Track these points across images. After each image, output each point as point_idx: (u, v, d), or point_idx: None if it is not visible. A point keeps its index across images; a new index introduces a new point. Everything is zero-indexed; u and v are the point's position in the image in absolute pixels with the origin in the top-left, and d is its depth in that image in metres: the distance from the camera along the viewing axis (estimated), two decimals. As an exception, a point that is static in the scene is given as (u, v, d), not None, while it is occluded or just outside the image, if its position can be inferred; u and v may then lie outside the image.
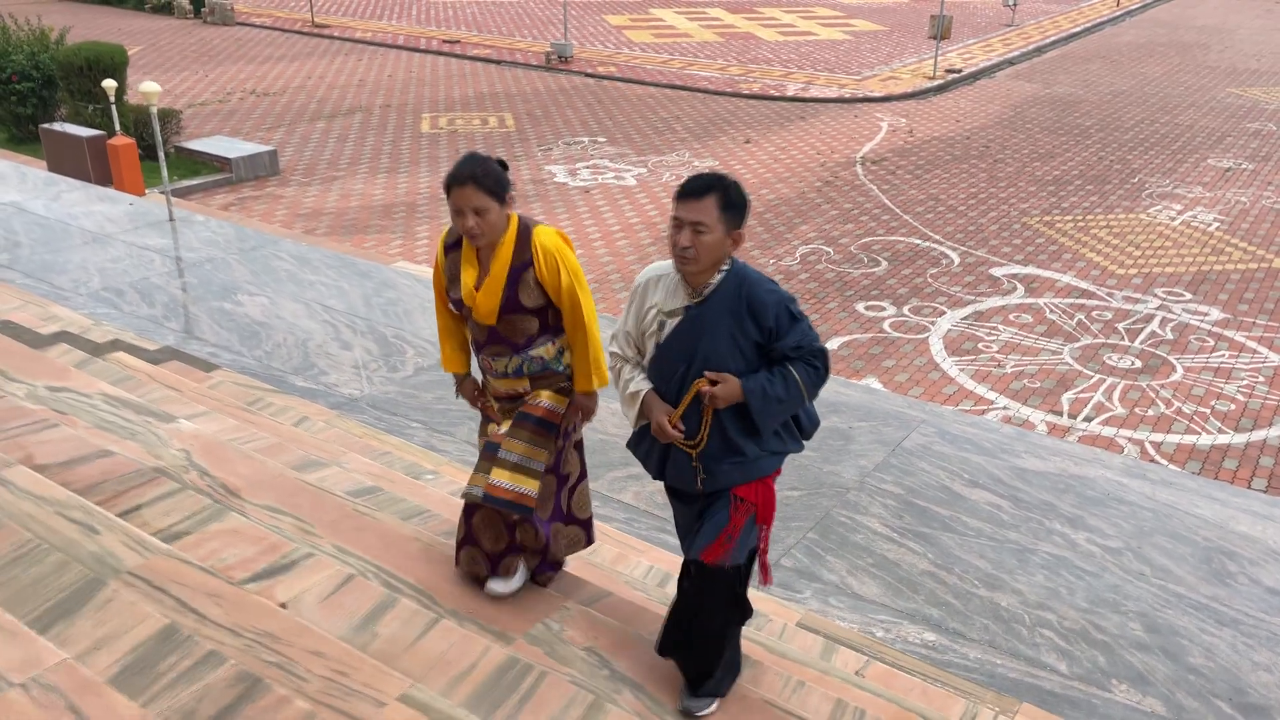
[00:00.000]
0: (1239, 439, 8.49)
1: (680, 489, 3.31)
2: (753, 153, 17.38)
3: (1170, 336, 10.40)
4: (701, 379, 3.07)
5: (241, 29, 29.51)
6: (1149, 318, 10.86)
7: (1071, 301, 11.29)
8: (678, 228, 3.02)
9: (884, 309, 10.97)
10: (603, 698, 3.28)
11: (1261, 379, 9.54)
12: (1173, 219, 14.28)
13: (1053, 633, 4.64)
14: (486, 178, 3.29)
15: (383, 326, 7.68)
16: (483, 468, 3.51)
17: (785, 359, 3.08)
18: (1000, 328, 10.53)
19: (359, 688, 3.18)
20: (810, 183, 15.67)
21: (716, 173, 3.08)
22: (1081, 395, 9.14)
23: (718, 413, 3.10)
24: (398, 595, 3.66)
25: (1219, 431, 8.58)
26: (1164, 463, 8.00)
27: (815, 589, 4.88)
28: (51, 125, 14.48)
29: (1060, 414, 8.80)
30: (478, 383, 3.77)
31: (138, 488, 4.21)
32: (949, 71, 23.87)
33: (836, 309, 10.96)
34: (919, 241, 13.15)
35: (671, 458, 3.23)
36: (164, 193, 10.83)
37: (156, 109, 10.65)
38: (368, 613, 3.55)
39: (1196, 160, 17.31)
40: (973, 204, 14.76)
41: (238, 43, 27.13)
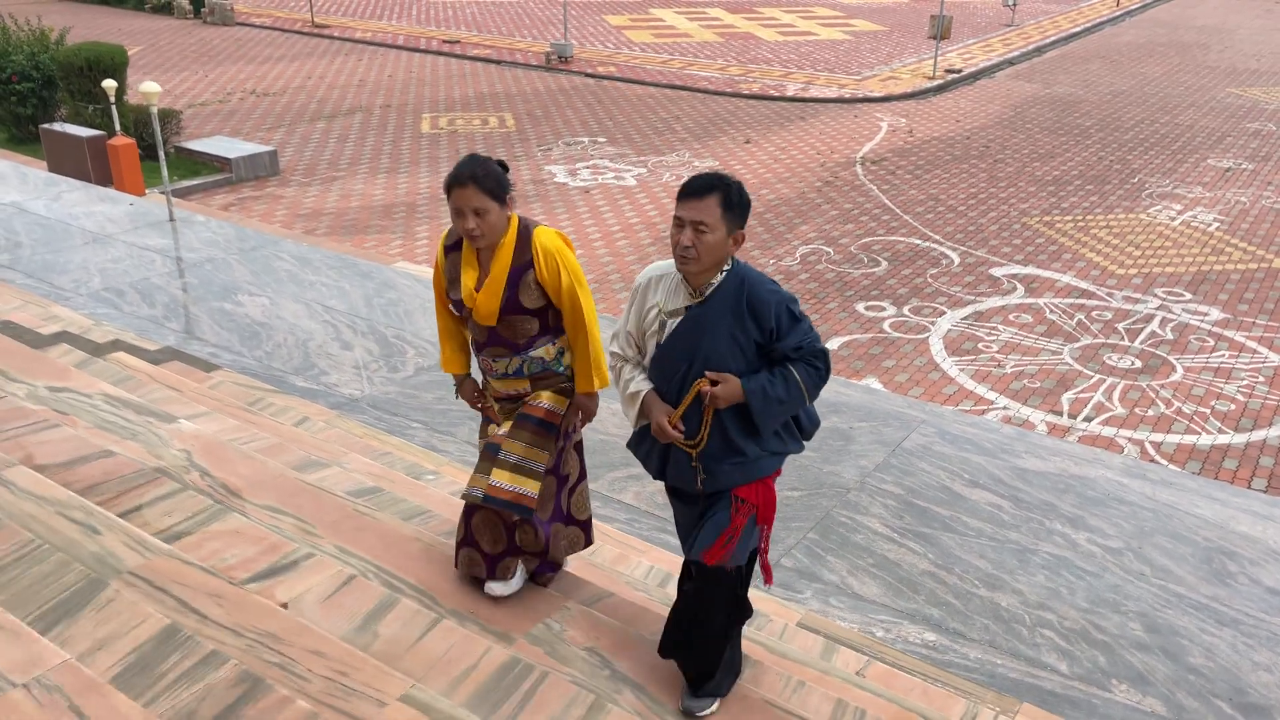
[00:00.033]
0: (1239, 439, 8.49)
1: (681, 489, 3.31)
2: (753, 153, 17.39)
3: (1170, 336, 10.40)
4: (702, 379, 3.06)
5: (241, 29, 29.51)
6: (1149, 318, 10.87)
7: (1071, 301, 11.29)
8: (679, 227, 3.02)
9: (884, 309, 10.98)
10: (604, 698, 3.28)
11: (1261, 379, 9.55)
12: (1173, 219, 14.29)
13: (1053, 633, 4.65)
14: (487, 179, 3.30)
15: (383, 327, 7.69)
16: (483, 469, 3.51)
17: (786, 359, 3.08)
18: (1000, 328, 10.53)
19: (360, 688, 3.18)
20: (810, 183, 15.67)
21: (719, 173, 3.07)
22: (1081, 395, 9.15)
23: (718, 413, 3.10)
24: (399, 595, 3.66)
25: (1219, 431, 8.58)
26: (1164, 463, 8.01)
27: (816, 589, 4.89)
28: (52, 125, 14.47)
29: (1060, 414, 8.81)
30: (477, 384, 3.78)
31: (139, 488, 4.21)
32: (949, 71, 23.87)
33: (836, 309, 10.97)
34: (919, 242, 13.15)
35: (672, 458, 3.23)
36: (164, 193, 10.83)
37: (157, 109, 10.65)
38: (369, 613, 3.55)
39: (1196, 160, 17.32)
40: (973, 204, 14.77)
41: (238, 43, 27.13)
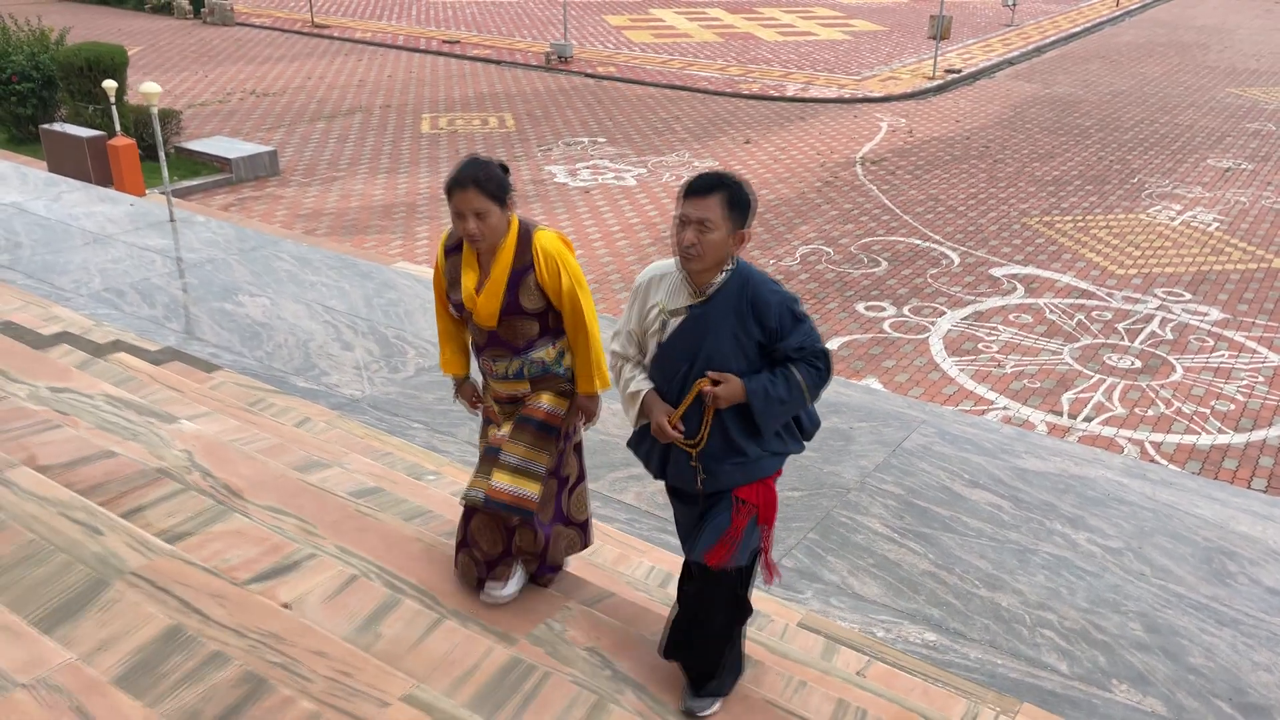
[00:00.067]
0: (1239, 439, 8.50)
1: (681, 489, 3.30)
2: (752, 153, 17.39)
3: (1170, 336, 10.41)
4: (703, 379, 3.05)
5: (241, 29, 29.51)
6: (1149, 318, 10.87)
7: (1071, 302, 11.30)
8: (683, 225, 3.00)
9: (884, 309, 10.99)
10: (605, 698, 3.29)
11: (1261, 379, 9.56)
12: (1172, 219, 14.29)
13: (1053, 633, 4.65)
14: (488, 181, 3.29)
15: (384, 327, 7.69)
16: (483, 471, 3.51)
17: (788, 360, 3.07)
18: (1000, 328, 10.54)
19: (363, 688, 3.19)
20: (810, 183, 15.68)
21: (723, 171, 3.06)
22: (1081, 395, 9.16)
23: (719, 413, 3.09)
24: (400, 596, 3.67)
25: (1219, 431, 8.59)
26: (1164, 463, 8.02)
27: (816, 589, 4.90)
28: (52, 126, 14.48)
29: (1060, 414, 8.82)
30: (476, 386, 3.78)
31: (140, 488, 4.22)
32: (948, 72, 23.88)
33: (836, 309, 10.97)
34: (919, 242, 13.16)
35: (672, 457, 3.22)
36: (164, 193, 10.84)
37: (157, 110, 10.65)
38: (371, 613, 3.56)
39: (1196, 160, 17.32)
40: (972, 204, 14.78)
41: (237, 43, 27.13)
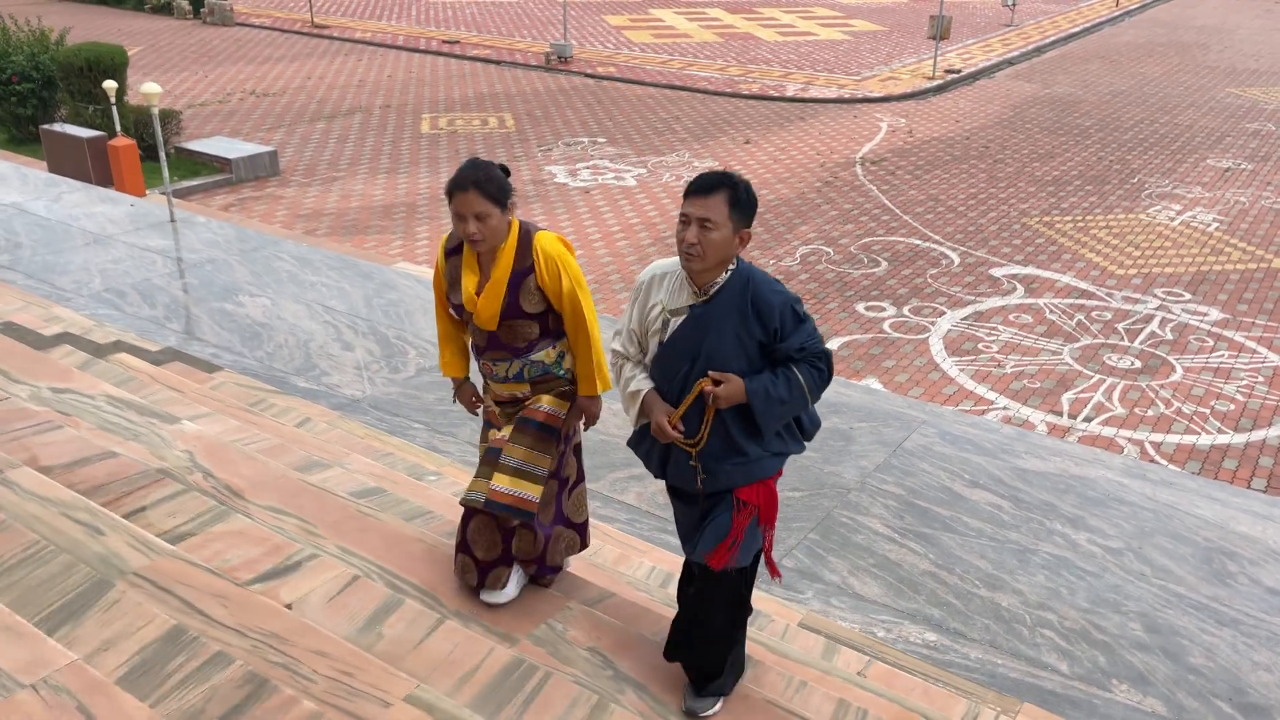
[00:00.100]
0: (1239, 439, 8.51)
1: (681, 488, 3.31)
2: (752, 153, 17.40)
3: (1170, 337, 10.42)
4: (705, 379, 3.06)
5: (241, 29, 29.51)
6: (1148, 318, 10.88)
7: (1071, 302, 11.31)
8: (685, 224, 3.00)
9: (884, 309, 10.99)
10: (607, 698, 3.30)
11: (1261, 379, 9.56)
12: (1172, 219, 14.30)
13: (1053, 633, 4.66)
14: (489, 183, 3.30)
15: (384, 327, 7.70)
16: (484, 473, 3.52)
17: (789, 360, 3.08)
18: (1000, 328, 10.55)
19: (365, 688, 3.19)
20: (810, 183, 15.69)
21: (726, 170, 3.06)
22: (1081, 395, 9.16)
23: (720, 413, 3.09)
24: (402, 596, 3.68)
25: (1219, 431, 8.60)
26: (1164, 463, 8.02)
27: (817, 589, 4.90)
28: (52, 126, 14.48)
29: (1060, 414, 8.82)
30: (475, 389, 3.78)
31: (142, 489, 4.22)
32: (948, 72, 23.89)
33: (836, 309, 10.98)
34: (919, 242, 13.17)
35: (672, 457, 3.23)
36: (165, 194, 10.84)
37: (157, 110, 10.66)
38: (372, 613, 3.57)
39: (1196, 160, 17.33)
40: (972, 204, 14.78)
41: (237, 43, 27.13)
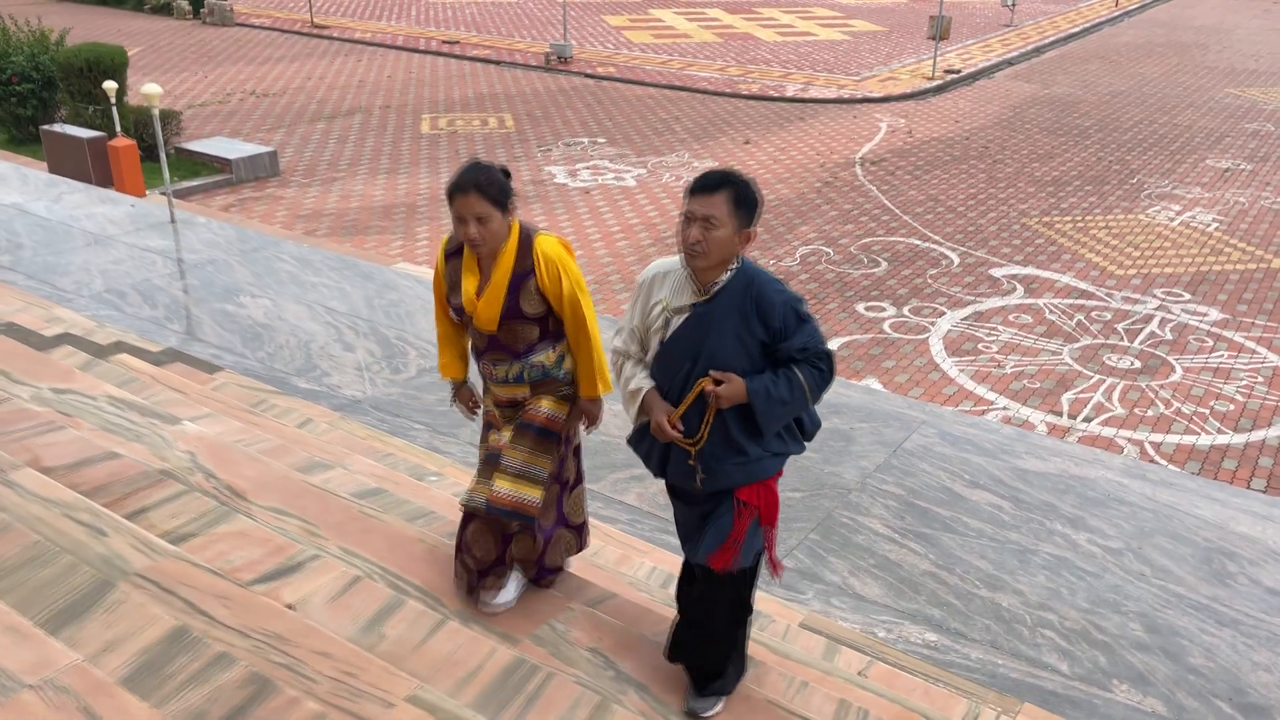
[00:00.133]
0: (1238, 439, 8.52)
1: (681, 488, 3.30)
2: (752, 153, 17.41)
3: (1169, 337, 10.43)
4: (706, 378, 3.05)
5: (241, 30, 29.51)
6: (1148, 318, 10.89)
7: (1071, 302, 11.32)
8: (688, 222, 2.99)
9: (884, 310, 11.00)
10: (608, 698, 3.30)
11: (1260, 379, 9.57)
12: (1171, 219, 14.31)
13: (1054, 633, 4.67)
14: (490, 186, 3.30)
15: (385, 328, 7.71)
16: (484, 476, 3.52)
17: (790, 360, 3.07)
18: (1000, 328, 10.56)
19: (367, 689, 3.20)
20: (810, 183, 15.69)
21: (730, 169, 3.06)
22: (1081, 396, 9.17)
23: (720, 412, 3.08)
24: (404, 597, 3.68)
25: (1218, 432, 8.61)
26: (1164, 463, 8.03)
27: (817, 590, 4.91)
28: (52, 126, 14.48)
29: (1060, 414, 8.83)
30: (473, 392, 3.78)
31: (144, 490, 4.23)
32: (948, 72, 23.89)
33: (836, 310, 10.99)
34: (919, 242, 13.18)
35: (672, 456, 3.22)
36: (165, 194, 10.85)
37: (158, 110, 10.66)
38: (374, 614, 3.57)
39: (1195, 161, 17.34)
40: (972, 204, 14.79)
41: (237, 43, 27.13)
